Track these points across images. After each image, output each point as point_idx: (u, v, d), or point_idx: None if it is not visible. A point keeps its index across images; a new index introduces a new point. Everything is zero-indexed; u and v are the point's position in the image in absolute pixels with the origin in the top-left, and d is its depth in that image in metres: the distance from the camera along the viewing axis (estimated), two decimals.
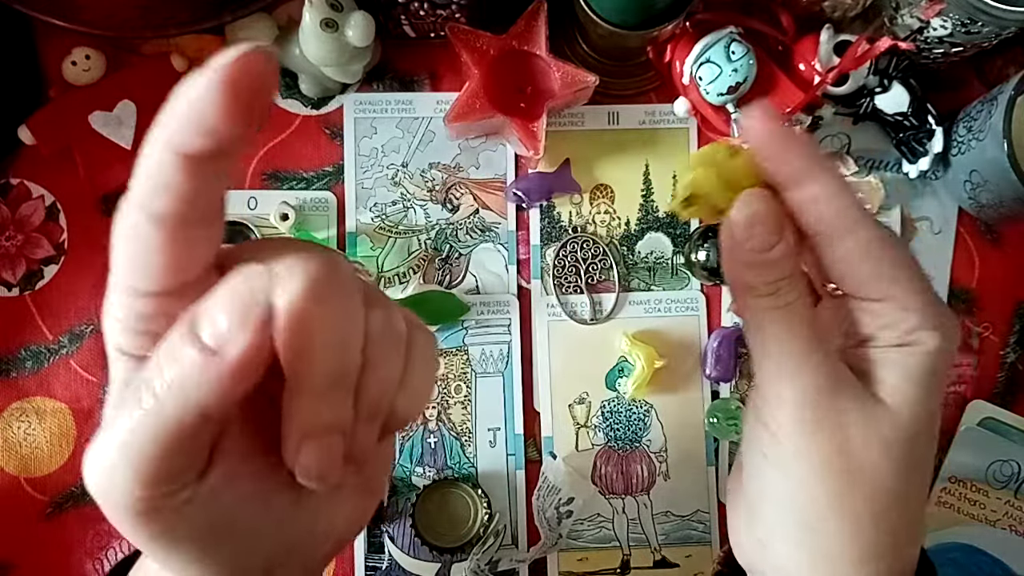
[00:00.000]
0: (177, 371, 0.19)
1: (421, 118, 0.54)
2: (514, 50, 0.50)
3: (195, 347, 0.19)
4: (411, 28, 0.52)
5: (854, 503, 0.27)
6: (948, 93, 0.54)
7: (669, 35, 0.50)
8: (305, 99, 0.54)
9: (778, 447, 0.28)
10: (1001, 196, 0.50)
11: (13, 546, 0.51)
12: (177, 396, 0.19)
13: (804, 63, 0.52)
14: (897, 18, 0.49)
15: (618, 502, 0.53)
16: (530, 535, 0.52)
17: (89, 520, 0.52)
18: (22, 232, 0.53)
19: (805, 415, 0.27)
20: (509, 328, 0.53)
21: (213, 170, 0.20)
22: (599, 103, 0.54)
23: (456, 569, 0.52)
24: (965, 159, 0.51)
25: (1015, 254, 0.55)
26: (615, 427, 0.53)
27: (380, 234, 0.53)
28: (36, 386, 0.52)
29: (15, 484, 0.52)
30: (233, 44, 0.23)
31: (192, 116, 0.19)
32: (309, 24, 0.47)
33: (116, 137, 0.52)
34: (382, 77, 0.54)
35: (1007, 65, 0.54)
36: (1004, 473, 0.53)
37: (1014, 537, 0.53)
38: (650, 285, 0.54)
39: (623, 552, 0.52)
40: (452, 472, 0.52)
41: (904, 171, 0.54)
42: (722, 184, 0.27)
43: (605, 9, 0.47)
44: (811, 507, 0.28)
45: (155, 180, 0.20)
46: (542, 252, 0.54)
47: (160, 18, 0.49)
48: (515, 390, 0.53)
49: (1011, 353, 0.54)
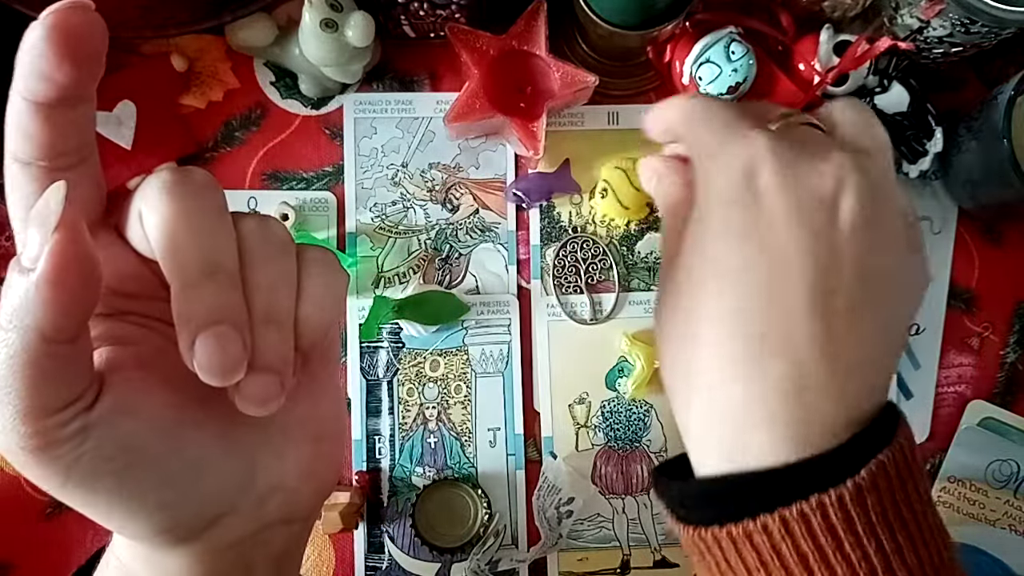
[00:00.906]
0: (11, 300, 0.20)
1: (421, 118, 0.54)
2: (514, 50, 0.50)
3: (18, 271, 0.20)
4: (411, 28, 0.52)
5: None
6: (948, 93, 0.54)
7: (669, 35, 0.50)
8: (305, 99, 0.54)
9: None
10: (1001, 196, 0.50)
11: (13, 546, 0.51)
12: (18, 325, 0.20)
13: (804, 63, 0.52)
14: (897, 18, 0.49)
15: (618, 502, 0.53)
16: (530, 535, 0.52)
17: (89, 520, 0.51)
18: None
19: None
20: (509, 328, 0.53)
21: (65, 117, 0.22)
22: (599, 103, 0.54)
23: (456, 569, 0.52)
24: (965, 159, 0.51)
25: (1015, 254, 0.55)
26: (615, 427, 0.53)
27: (380, 234, 0.53)
28: None
29: (15, 484, 0.52)
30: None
31: (30, 65, 0.21)
32: (309, 24, 0.47)
33: (116, 137, 0.51)
34: (382, 77, 0.54)
35: (1007, 65, 0.53)
36: (1003, 473, 0.53)
37: (1014, 537, 0.53)
38: (650, 285, 0.54)
39: (623, 552, 0.52)
40: (452, 472, 0.52)
41: (904, 171, 0.54)
42: (628, 184, 0.30)
43: (605, 9, 0.47)
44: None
45: (17, 129, 0.22)
46: (542, 252, 0.54)
47: (160, 18, 0.49)
48: (515, 390, 0.53)
49: (1011, 353, 0.54)
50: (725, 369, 0.29)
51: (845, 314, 0.28)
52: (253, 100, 0.54)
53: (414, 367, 0.53)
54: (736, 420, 0.29)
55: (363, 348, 0.53)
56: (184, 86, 0.53)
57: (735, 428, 0.29)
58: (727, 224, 0.29)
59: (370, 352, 0.53)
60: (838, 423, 0.28)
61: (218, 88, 0.54)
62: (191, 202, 0.23)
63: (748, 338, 0.28)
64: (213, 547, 0.26)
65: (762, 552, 0.27)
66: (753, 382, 0.28)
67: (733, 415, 0.29)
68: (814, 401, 0.28)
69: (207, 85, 0.54)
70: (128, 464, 0.23)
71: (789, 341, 0.28)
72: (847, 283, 0.28)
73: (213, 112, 0.54)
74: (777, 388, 0.28)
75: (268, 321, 0.24)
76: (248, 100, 0.54)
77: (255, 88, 0.54)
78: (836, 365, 0.28)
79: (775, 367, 0.28)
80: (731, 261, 0.29)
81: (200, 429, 0.25)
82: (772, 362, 0.28)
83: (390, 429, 0.52)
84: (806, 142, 0.31)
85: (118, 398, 0.23)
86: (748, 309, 0.29)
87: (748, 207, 0.29)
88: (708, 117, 0.31)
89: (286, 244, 0.25)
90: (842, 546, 0.26)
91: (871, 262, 0.29)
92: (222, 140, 0.54)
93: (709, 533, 0.28)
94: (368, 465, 0.52)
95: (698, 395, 0.30)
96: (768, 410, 0.28)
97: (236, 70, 0.54)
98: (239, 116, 0.54)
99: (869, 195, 0.29)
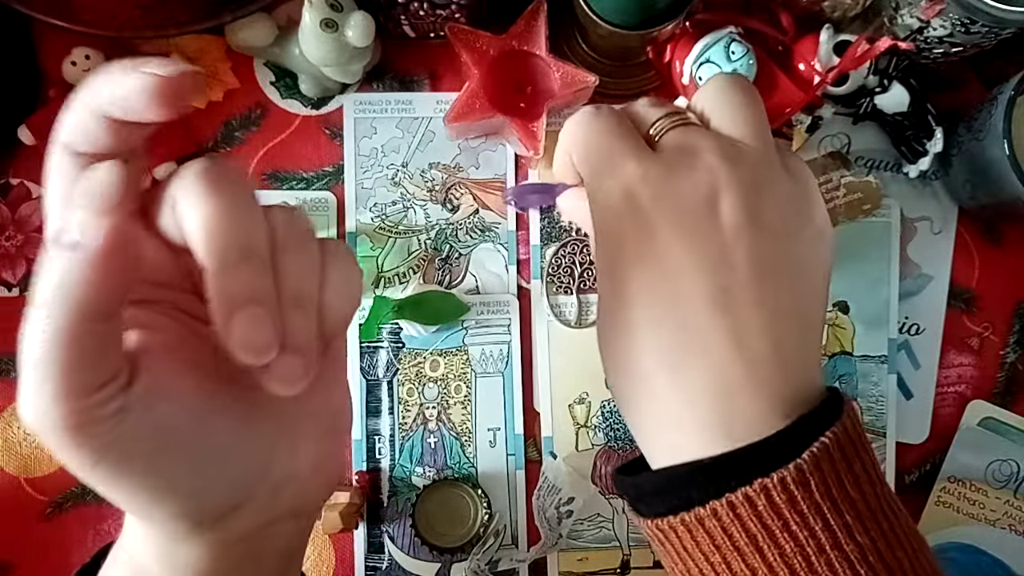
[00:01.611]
0: (51, 278, 0.21)
1: (421, 118, 0.54)
2: (514, 50, 0.50)
3: (60, 248, 0.21)
4: (411, 28, 0.52)
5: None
6: (948, 93, 0.54)
7: (669, 35, 0.50)
8: (305, 99, 0.54)
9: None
10: (1001, 196, 0.50)
11: (13, 546, 0.51)
12: (60, 301, 0.21)
13: (804, 63, 0.52)
14: (897, 18, 0.49)
15: (618, 502, 0.53)
16: (530, 535, 0.52)
17: (89, 520, 0.52)
18: (22, 232, 0.53)
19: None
20: (509, 328, 0.53)
21: (135, 131, 0.23)
22: (599, 103, 0.54)
23: (456, 569, 0.52)
24: (965, 159, 0.51)
25: (1015, 254, 0.55)
26: (615, 427, 0.53)
27: (380, 234, 0.53)
28: None
29: (15, 484, 0.52)
30: (173, 60, 0.27)
31: (120, 96, 0.22)
32: (309, 24, 0.47)
33: None
34: (382, 77, 0.54)
35: (1007, 65, 0.53)
36: (1003, 473, 0.53)
37: (1014, 537, 0.53)
38: None
39: (623, 552, 0.52)
40: (452, 472, 0.52)
41: (904, 171, 0.54)
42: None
43: (605, 9, 0.47)
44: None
45: (80, 129, 0.23)
46: (542, 252, 0.54)
47: (160, 18, 0.49)
48: (515, 390, 0.53)
49: (1011, 353, 0.54)
50: (657, 377, 0.30)
51: (750, 307, 0.29)
52: (253, 100, 0.54)
53: (414, 367, 0.53)
54: (675, 422, 0.30)
55: (363, 348, 0.53)
56: None
57: (675, 429, 0.30)
58: (620, 250, 0.31)
59: (370, 352, 0.53)
60: (774, 410, 0.29)
61: (218, 88, 0.54)
62: (230, 190, 0.24)
63: (667, 349, 0.30)
64: (225, 539, 0.27)
65: (715, 536, 0.28)
66: (681, 389, 0.30)
67: (671, 418, 0.30)
68: (740, 396, 0.29)
69: (207, 85, 0.54)
70: (161, 446, 0.24)
71: (703, 345, 0.29)
72: (743, 278, 0.30)
73: (213, 112, 0.54)
74: (704, 391, 0.29)
75: (296, 305, 0.25)
76: (248, 100, 0.54)
77: (255, 88, 0.54)
78: (754, 356, 0.29)
79: (696, 372, 0.30)
80: (635, 282, 0.31)
81: (226, 415, 0.26)
82: (693, 367, 0.30)
83: (390, 429, 0.52)
84: (681, 148, 0.32)
85: (153, 380, 0.24)
86: (660, 322, 0.30)
87: (635, 230, 0.31)
88: (586, 149, 0.34)
89: (311, 235, 0.27)
90: (788, 525, 0.27)
91: (763, 252, 0.30)
92: (222, 140, 0.54)
93: (665, 522, 0.30)
94: (368, 465, 0.52)
95: (639, 400, 0.31)
96: (700, 412, 0.29)
97: (236, 70, 0.54)
98: (239, 116, 0.54)
99: (744, 188, 0.30)
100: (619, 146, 0.32)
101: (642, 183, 0.31)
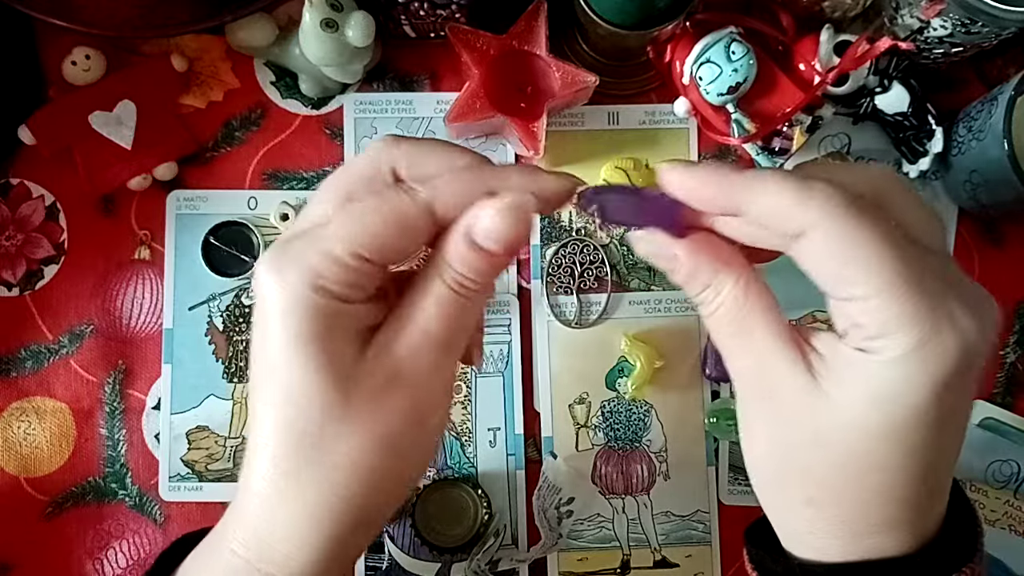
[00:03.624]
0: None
1: (421, 118, 0.54)
2: (514, 50, 0.50)
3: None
4: (411, 28, 0.52)
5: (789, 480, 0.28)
6: (948, 93, 0.54)
7: (669, 35, 0.50)
8: (305, 99, 0.54)
9: (742, 413, 0.30)
10: (1001, 196, 0.50)
11: (13, 546, 0.51)
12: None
13: (804, 63, 0.52)
14: (897, 18, 0.49)
15: (618, 502, 0.53)
16: (530, 535, 0.52)
17: (89, 520, 0.52)
18: (22, 232, 0.53)
19: (747, 404, 0.29)
20: (509, 328, 0.53)
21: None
22: (599, 103, 0.54)
23: (456, 569, 0.52)
24: (965, 159, 0.51)
25: (1015, 254, 0.55)
26: (615, 427, 0.53)
27: None
28: (36, 386, 0.52)
29: (15, 484, 0.52)
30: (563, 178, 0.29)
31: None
32: (309, 24, 0.47)
33: (116, 137, 0.52)
34: (382, 77, 0.54)
35: (1007, 65, 0.54)
36: (1004, 473, 0.53)
37: (1014, 537, 0.53)
38: (650, 285, 0.54)
39: (623, 552, 0.52)
40: (452, 472, 0.52)
41: (904, 171, 0.54)
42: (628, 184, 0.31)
43: (605, 9, 0.47)
44: (760, 476, 0.30)
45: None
46: (542, 252, 0.54)
47: (160, 18, 0.49)
48: (515, 390, 0.53)
49: (1011, 353, 0.54)
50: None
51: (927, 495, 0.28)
52: (253, 100, 0.54)
53: None
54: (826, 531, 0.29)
55: None
56: (184, 86, 0.53)
57: (824, 535, 0.29)
58: (940, 433, 0.28)
59: None
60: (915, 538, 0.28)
61: (218, 88, 0.54)
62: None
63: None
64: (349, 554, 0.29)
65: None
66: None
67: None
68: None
69: (207, 85, 0.54)
70: (390, 388, 0.27)
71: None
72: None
73: (213, 112, 0.54)
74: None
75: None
76: (248, 100, 0.54)
77: (255, 88, 0.54)
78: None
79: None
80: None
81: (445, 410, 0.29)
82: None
83: None
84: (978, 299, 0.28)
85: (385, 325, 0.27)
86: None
87: (956, 415, 0.28)
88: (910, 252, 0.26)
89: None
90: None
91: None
92: (222, 140, 0.54)
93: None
94: None
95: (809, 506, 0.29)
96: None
97: (236, 70, 0.54)
98: (239, 116, 0.54)
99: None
100: (954, 291, 0.25)
101: (984, 348, 0.25)
